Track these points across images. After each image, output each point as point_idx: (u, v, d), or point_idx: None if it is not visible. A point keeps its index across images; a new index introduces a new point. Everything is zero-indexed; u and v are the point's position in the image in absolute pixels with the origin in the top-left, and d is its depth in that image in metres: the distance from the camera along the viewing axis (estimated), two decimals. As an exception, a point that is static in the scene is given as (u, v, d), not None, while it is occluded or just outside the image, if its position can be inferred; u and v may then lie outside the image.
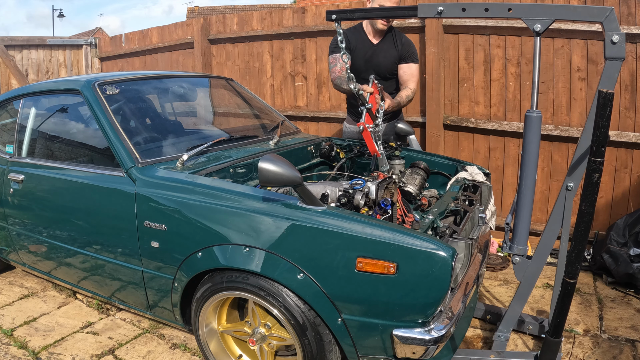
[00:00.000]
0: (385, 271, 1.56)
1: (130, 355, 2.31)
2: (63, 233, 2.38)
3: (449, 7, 1.82)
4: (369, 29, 2.84)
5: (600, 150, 1.49)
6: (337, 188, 2.05)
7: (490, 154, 3.61)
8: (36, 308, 2.78)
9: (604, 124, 1.47)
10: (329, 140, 3.02)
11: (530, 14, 1.71)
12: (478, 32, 3.49)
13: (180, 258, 1.93)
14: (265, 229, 1.72)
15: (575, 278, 1.64)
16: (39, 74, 6.05)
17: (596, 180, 1.52)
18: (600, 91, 1.47)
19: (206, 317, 2.00)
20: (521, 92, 3.42)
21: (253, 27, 4.60)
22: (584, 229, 1.59)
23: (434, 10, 1.82)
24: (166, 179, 2.01)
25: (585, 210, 1.57)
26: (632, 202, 3.19)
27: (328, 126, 4.32)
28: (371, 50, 2.81)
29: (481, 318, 2.54)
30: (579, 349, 2.28)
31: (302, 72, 4.40)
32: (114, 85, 2.43)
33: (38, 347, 2.37)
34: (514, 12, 1.71)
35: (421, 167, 2.52)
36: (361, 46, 2.82)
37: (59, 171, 2.40)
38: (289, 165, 1.64)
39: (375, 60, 2.79)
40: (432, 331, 1.58)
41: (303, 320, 1.72)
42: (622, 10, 3.02)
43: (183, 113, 3.09)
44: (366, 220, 1.64)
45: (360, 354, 1.71)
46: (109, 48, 6.08)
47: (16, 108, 2.80)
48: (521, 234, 1.97)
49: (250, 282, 1.77)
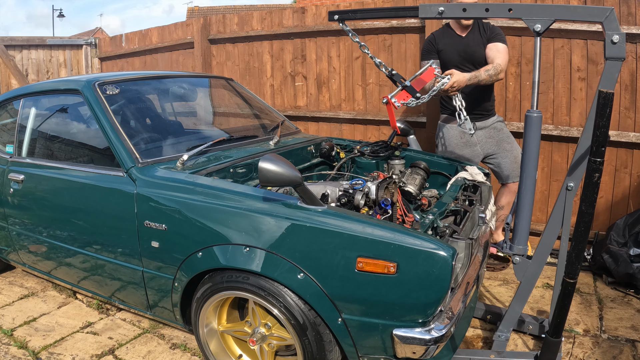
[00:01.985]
0: (385, 271, 1.56)
1: (130, 355, 2.31)
2: (63, 233, 2.38)
3: (449, 8, 1.82)
4: (456, 25, 2.96)
5: (600, 150, 1.49)
6: (337, 188, 2.05)
7: (490, 154, 3.61)
8: (36, 308, 2.78)
9: (604, 124, 1.47)
10: (329, 140, 3.02)
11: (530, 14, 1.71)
12: (478, 32, 3.49)
13: (181, 258, 1.93)
14: (266, 229, 1.72)
15: (575, 278, 1.64)
16: (39, 74, 6.05)
17: (596, 180, 1.52)
18: (600, 91, 1.47)
19: (206, 317, 1.99)
20: (521, 92, 3.42)
21: (253, 27, 4.60)
22: (584, 229, 1.59)
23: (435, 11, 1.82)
24: (166, 179, 2.01)
25: (585, 210, 1.57)
26: (632, 202, 3.19)
27: (328, 126, 4.33)
28: (461, 44, 2.92)
29: (481, 318, 2.54)
30: (579, 349, 2.28)
31: (302, 72, 4.40)
32: (114, 85, 2.43)
33: (38, 347, 2.37)
34: (515, 12, 1.72)
35: (421, 167, 2.52)
36: (451, 42, 2.94)
37: (59, 171, 2.40)
38: (289, 165, 1.64)
39: (468, 51, 2.89)
40: (432, 331, 1.58)
41: (303, 320, 1.72)
42: (622, 10, 3.02)
43: (183, 113, 3.09)
44: (366, 220, 1.64)
45: (360, 353, 1.71)
46: (109, 48, 6.08)
47: (16, 108, 2.80)
48: (521, 234, 1.97)
49: (251, 282, 1.77)
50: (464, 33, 2.95)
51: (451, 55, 2.93)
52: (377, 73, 3.99)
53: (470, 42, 2.92)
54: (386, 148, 2.82)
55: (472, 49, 2.91)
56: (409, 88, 2.29)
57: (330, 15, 2.12)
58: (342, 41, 4.11)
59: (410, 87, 2.30)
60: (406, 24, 3.73)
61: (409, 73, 3.83)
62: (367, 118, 4.05)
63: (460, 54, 2.92)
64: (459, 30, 2.96)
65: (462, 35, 2.94)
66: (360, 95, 4.12)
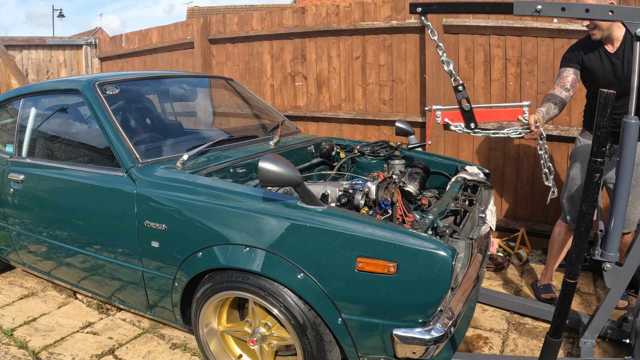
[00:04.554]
0: (385, 271, 1.56)
1: (130, 355, 2.31)
2: (63, 233, 2.38)
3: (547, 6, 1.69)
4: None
5: (601, 151, 1.49)
6: (337, 188, 2.05)
7: (490, 154, 3.61)
8: (36, 308, 2.78)
9: (604, 124, 1.46)
10: (329, 140, 3.02)
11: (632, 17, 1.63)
12: (478, 32, 3.49)
13: (181, 258, 1.93)
14: (266, 229, 1.72)
15: (575, 278, 1.63)
16: (39, 74, 6.05)
17: (597, 180, 1.51)
18: (600, 91, 1.46)
19: (206, 317, 1.99)
20: (521, 92, 3.42)
21: (253, 27, 4.61)
22: (585, 229, 1.58)
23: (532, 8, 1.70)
24: (166, 179, 2.01)
25: (586, 211, 1.57)
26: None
27: (328, 126, 4.33)
28: (608, 62, 2.35)
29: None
30: (579, 349, 2.28)
31: (302, 72, 4.40)
32: (114, 85, 2.43)
33: (38, 347, 2.37)
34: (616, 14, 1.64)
35: (421, 167, 2.52)
36: (595, 57, 2.38)
37: (59, 171, 2.40)
38: (289, 165, 1.64)
39: (616, 73, 2.32)
40: (432, 331, 1.58)
41: (303, 320, 1.72)
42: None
43: (183, 113, 3.09)
44: (366, 220, 1.64)
45: (360, 353, 1.71)
46: (109, 48, 6.08)
47: (16, 108, 2.80)
48: (613, 241, 1.93)
49: (251, 282, 1.77)
50: (614, 48, 2.33)
51: (596, 75, 2.38)
52: (377, 73, 3.99)
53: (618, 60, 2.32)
54: (386, 148, 2.82)
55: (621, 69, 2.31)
56: (467, 114, 2.04)
57: (412, 7, 1.93)
58: (342, 41, 4.11)
59: (469, 114, 2.04)
60: (406, 24, 3.73)
61: (409, 73, 3.83)
62: (367, 118, 4.05)
63: (606, 76, 2.35)
64: (607, 43, 2.35)
65: (609, 51, 2.34)
66: (360, 95, 4.12)
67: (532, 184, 3.48)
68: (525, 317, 2.58)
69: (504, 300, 2.65)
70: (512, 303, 2.62)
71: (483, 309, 2.68)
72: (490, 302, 2.69)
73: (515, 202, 3.59)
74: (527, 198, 3.53)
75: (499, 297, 2.66)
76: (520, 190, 3.55)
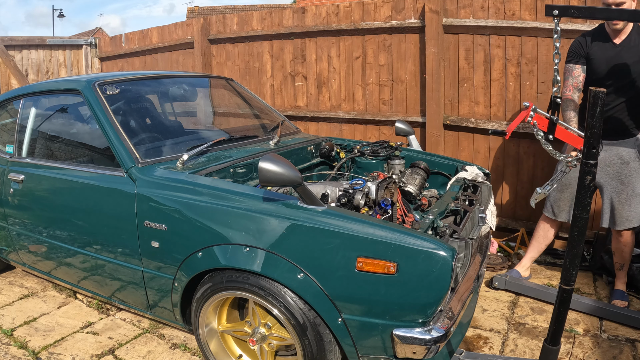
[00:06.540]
0: (385, 271, 1.56)
1: (130, 355, 2.31)
2: (63, 233, 2.38)
3: None
4: (609, 29, 2.44)
5: (592, 152, 1.42)
6: (337, 188, 2.06)
7: (490, 154, 3.61)
8: (36, 308, 2.78)
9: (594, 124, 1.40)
10: (329, 140, 3.02)
11: None
12: (478, 32, 3.49)
13: (181, 258, 1.93)
14: (266, 229, 1.72)
15: (571, 284, 1.57)
16: (39, 74, 6.05)
17: (588, 183, 1.45)
18: (590, 89, 1.41)
19: (206, 317, 2.00)
20: (521, 92, 3.42)
21: (253, 27, 4.61)
22: (578, 234, 1.53)
23: None
24: (166, 179, 2.01)
25: (579, 215, 1.51)
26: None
27: (328, 126, 4.33)
28: (613, 52, 2.40)
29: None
30: (579, 349, 2.28)
31: (302, 72, 4.40)
32: (114, 85, 2.43)
33: (38, 347, 2.37)
34: None
35: (421, 167, 2.52)
36: (600, 48, 2.44)
37: (59, 171, 2.40)
38: (289, 165, 1.64)
39: (619, 62, 2.36)
40: (432, 331, 1.58)
41: (303, 320, 1.72)
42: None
43: (183, 113, 3.09)
44: (366, 220, 1.64)
45: (360, 353, 1.71)
46: (109, 48, 6.08)
47: (16, 108, 2.80)
48: None
49: (251, 282, 1.77)
50: (620, 39, 2.37)
51: (596, 65, 2.42)
52: (377, 73, 3.99)
53: (624, 51, 2.36)
54: (386, 148, 2.82)
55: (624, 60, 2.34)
56: (552, 126, 2.12)
57: (548, 9, 1.88)
58: (342, 41, 4.11)
59: (554, 122, 2.11)
60: (406, 24, 3.73)
61: (409, 73, 3.83)
62: (367, 118, 4.05)
63: (607, 63, 2.39)
64: (613, 35, 2.39)
65: (615, 42, 2.39)
66: (360, 95, 4.12)
67: (532, 184, 3.48)
68: (525, 317, 2.58)
69: (593, 306, 2.55)
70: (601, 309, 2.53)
71: (483, 309, 2.68)
72: (576, 308, 2.59)
73: (515, 202, 3.59)
74: (527, 198, 3.53)
75: (586, 303, 2.58)
76: (520, 190, 3.55)
